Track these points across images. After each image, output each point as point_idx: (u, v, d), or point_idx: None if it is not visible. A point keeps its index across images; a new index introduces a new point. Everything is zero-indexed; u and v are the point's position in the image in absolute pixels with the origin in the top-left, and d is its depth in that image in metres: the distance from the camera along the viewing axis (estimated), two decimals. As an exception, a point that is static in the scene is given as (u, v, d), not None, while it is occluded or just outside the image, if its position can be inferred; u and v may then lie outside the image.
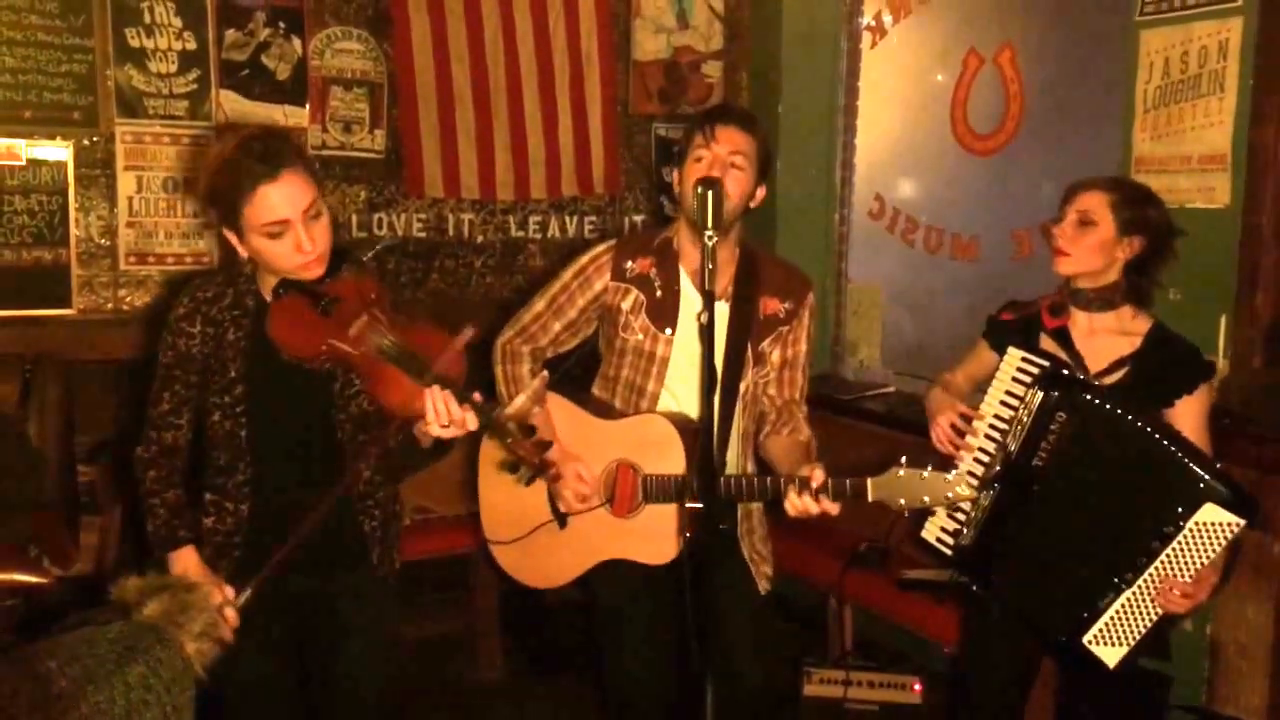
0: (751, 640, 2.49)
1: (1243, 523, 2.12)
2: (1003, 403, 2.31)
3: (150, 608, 1.40)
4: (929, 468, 2.12)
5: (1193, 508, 2.13)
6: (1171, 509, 2.14)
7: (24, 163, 3.69)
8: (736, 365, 2.42)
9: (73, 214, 3.76)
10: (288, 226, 1.93)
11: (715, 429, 2.34)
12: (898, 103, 4.30)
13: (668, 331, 2.43)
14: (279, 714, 2.16)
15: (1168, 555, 2.16)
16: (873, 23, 4.34)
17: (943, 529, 2.39)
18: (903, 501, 2.11)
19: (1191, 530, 2.13)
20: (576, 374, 2.63)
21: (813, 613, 3.90)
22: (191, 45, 3.87)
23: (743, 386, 2.45)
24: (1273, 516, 2.80)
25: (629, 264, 2.46)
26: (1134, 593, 2.20)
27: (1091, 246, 2.31)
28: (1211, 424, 2.37)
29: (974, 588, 2.41)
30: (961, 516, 2.36)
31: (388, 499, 2.21)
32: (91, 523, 3.33)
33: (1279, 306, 2.87)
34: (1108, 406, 2.23)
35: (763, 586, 2.53)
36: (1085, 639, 2.24)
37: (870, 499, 2.12)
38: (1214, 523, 2.12)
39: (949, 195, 4.05)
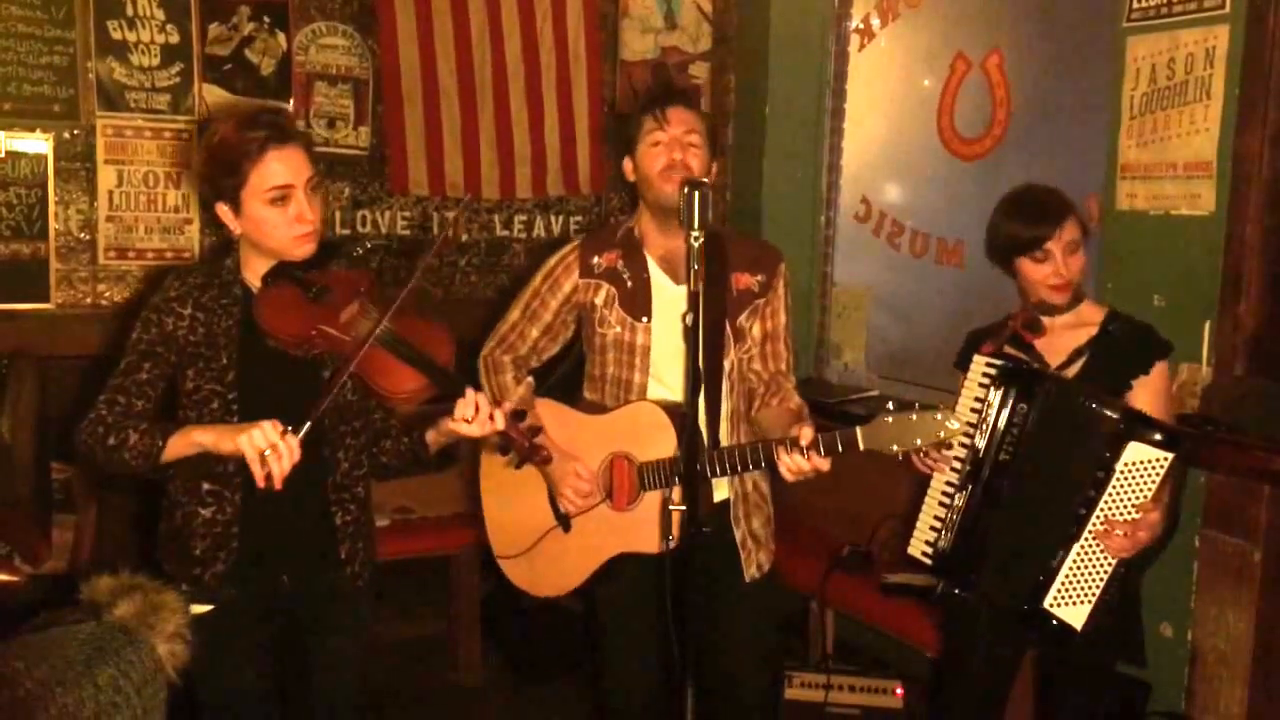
0: (739, 637, 2.48)
1: (1170, 456, 2.17)
2: (972, 409, 2.34)
3: (121, 608, 1.37)
4: (916, 408, 2.08)
5: (1119, 449, 2.19)
6: (1102, 456, 2.21)
7: (3, 155, 3.65)
8: (717, 344, 2.41)
9: (52, 207, 3.73)
10: (290, 193, 1.98)
11: (704, 415, 2.36)
12: (885, 106, 4.29)
13: (644, 320, 2.43)
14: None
15: (1106, 501, 2.21)
16: (861, 25, 4.34)
17: (926, 542, 2.40)
18: (895, 447, 2.08)
19: (1122, 471, 2.19)
20: (568, 385, 2.62)
21: (795, 616, 3.90)
22: (174, 39, 3.84)
23: (727, 365, 2.43)
24: (1253, 523, 2.80)
25: (595, 259, 2.47)
26: (1082, 545, 2.24)
27: (1080, 267, 2.38)
28: (1171, 401, 2.44)
29: (957, 591, 2.41)
30: (939, 525, 2.37)
31: (363, 499, 2.20)
32: (65, 521, 3.29)
33: (1262, 314, 2.88)
34: (1064, 390, 2.28)
35: (749, 574, 2.49)
36: (1046, 603, 2.26)
37: (862, 448, 2.09)
38: (1142, 461, 2.18)
39: (935, 199, 4.05)
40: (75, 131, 3.75)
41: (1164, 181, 3.02)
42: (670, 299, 2.41)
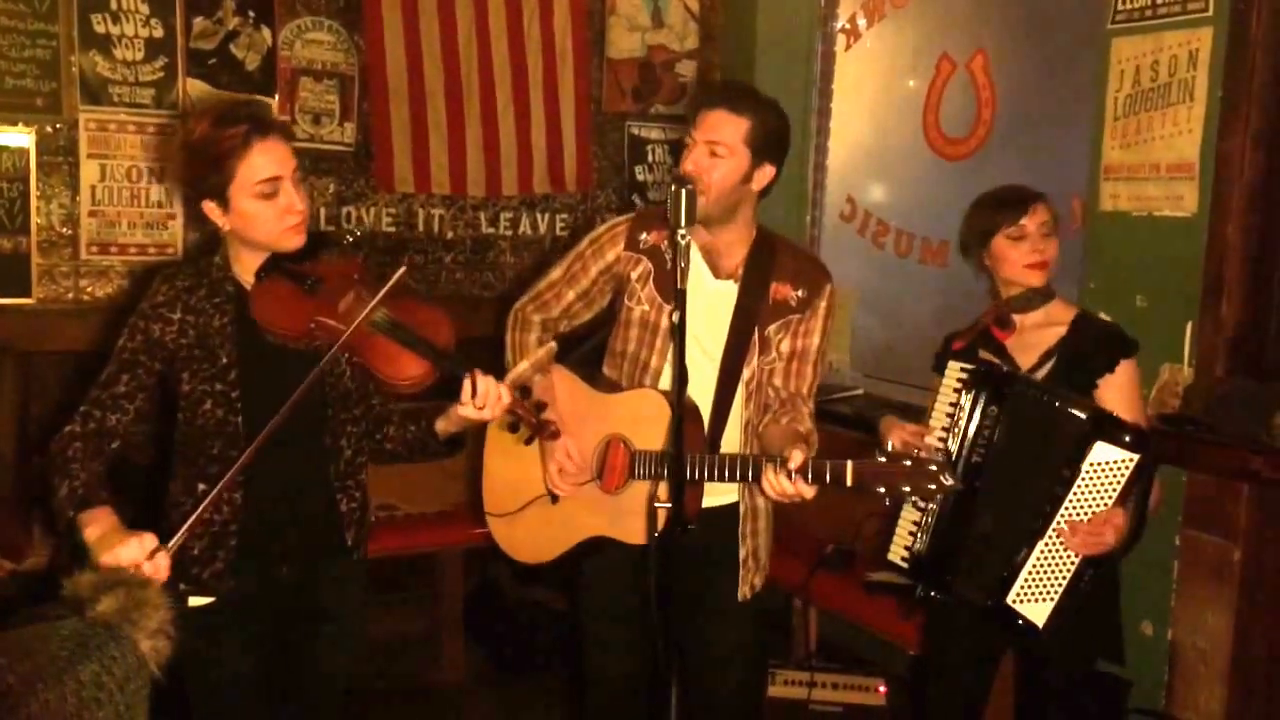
0: (721, 653, 2.47)
1: (1136, 457, 2.20)
2: (947, 414, 2.37)
3: (104, 604, 1.36)
4: (913, 455, 2.06)
5: (1085, 449, 2.21)
6: (1068, 455, 2.23)
7: (-16, 149, 3.62)
8: (740, 348, 2.38)
9: (34, 202, 3.70)
10: (279, 185, 1.98)
11: (709, 416, 2.36)
12: (870, 106, 4.31)
13: (672, 304, 2.37)
14: (251, 710, 2.13)
15: (1071, 500, 2.23)
16: (847, 26, 4.35)
17: (905, 547, 2.42)
18: (882, 490, 2.05)
19: (1088, 471, 2.21)
20: (594, 360, 2.61)
21: (778, 614, 3.90)
22: (158, 33, 3.82)
23: (747, 372, 2.39)
24: (1233, 523, 2.83)
25: (643, 235, 2.44)
26: (1046, 542, 2.25)
27: (1056, 255, 2.42)
28: (1143, 399, 2.47)
29: (933, 594, 2.42)
30: (915, 529, 2.39)
31: (364, 482, 2.21)
32: (47, 517, 3.27)
33: (1243, 315, 2.90)
34: (1033, 392, 2.30)
35: (743, 593, 2.46)
36: (1009, 599, 2.28)
37: (849, 484, 2.06)
38: (1108, 461, 2.21)
39: (920, 199, 4.07)
40: (58, 125, 3.72)
41: (1147, 183, 3.04)
42: (705, 290, 2.38)
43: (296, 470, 2.08)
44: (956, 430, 2.32)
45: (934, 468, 2.03)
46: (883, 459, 2.05)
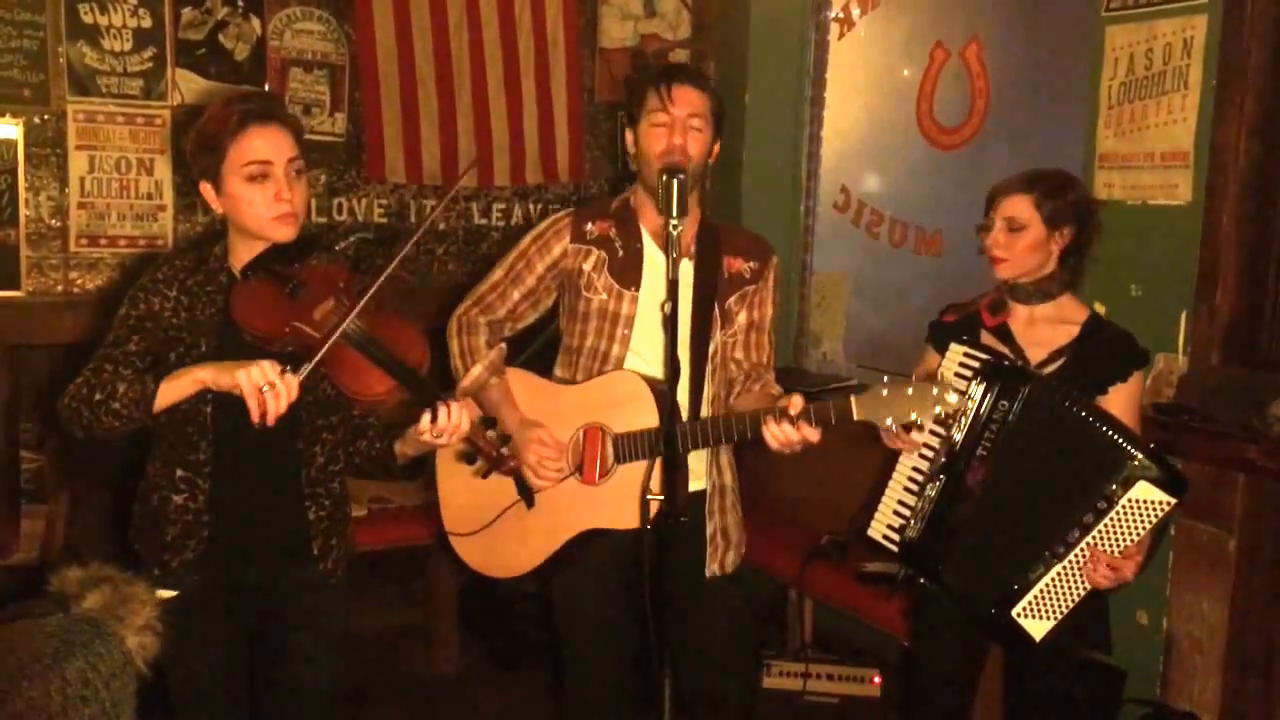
0: (700, 634, 2.45)
1: (1174, 501, 2.17)
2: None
3: (90, 600, 1.34)
4: (912, 380, 2.07)
5: (1127, 485, 2.18)
6: (1106, 486, 2.19)
7: (-29, 140, 3.59)
8: (705, 323, 2.38)
9: (22, 194, 3.67)
10: (269, 171, 1.97)
11: (687, 393, 2.34)
12: (864, 95, 4.29)
13: (632, 289, 2.38)
14: (226, 709, 2.13)
15: (1100, 530, 2.21)
16: (840, 14, 4.33)
17: (889, 525, 2.40)
18: (890, 421, 2.06)
19: (1124, 506, 2.19)
20: (539, 364, 2.58)
21: (773, 605, 3.90)
22: (147, 23, 3.79)
23: (711, 346, 2.40)
24: (1228, 512, 2.83)
25: (589, 226, 2.42)
26: (1065, 566, 2.24)
27: (1025, 249, 2.35)
28: (1141, 410, 2.43)
29: (922, 581, 2.41)
30: (907, 512, 2.36)
31: (339, 494, 2.18)
32: (35, 511, 3.25)
33: (1238, 304, 2.89)
34: (1050, 395, 2.26)
35: (710, 570, 2.44)
36: (1014, 612, 2.26)
37: (856, 418, 2.06)
38: (1147, 500, 2.18)
39: (914, 188, 4.06)
40: (45, 117, 3.69)
41: (1141, 171, 3.03)
42: (661, 272, 2.34)
43: (266, 471, 2.07)
44: (962, 420, 2.28)
45: (936, 390, 2.03)
46: (884, 390, 2.05)
